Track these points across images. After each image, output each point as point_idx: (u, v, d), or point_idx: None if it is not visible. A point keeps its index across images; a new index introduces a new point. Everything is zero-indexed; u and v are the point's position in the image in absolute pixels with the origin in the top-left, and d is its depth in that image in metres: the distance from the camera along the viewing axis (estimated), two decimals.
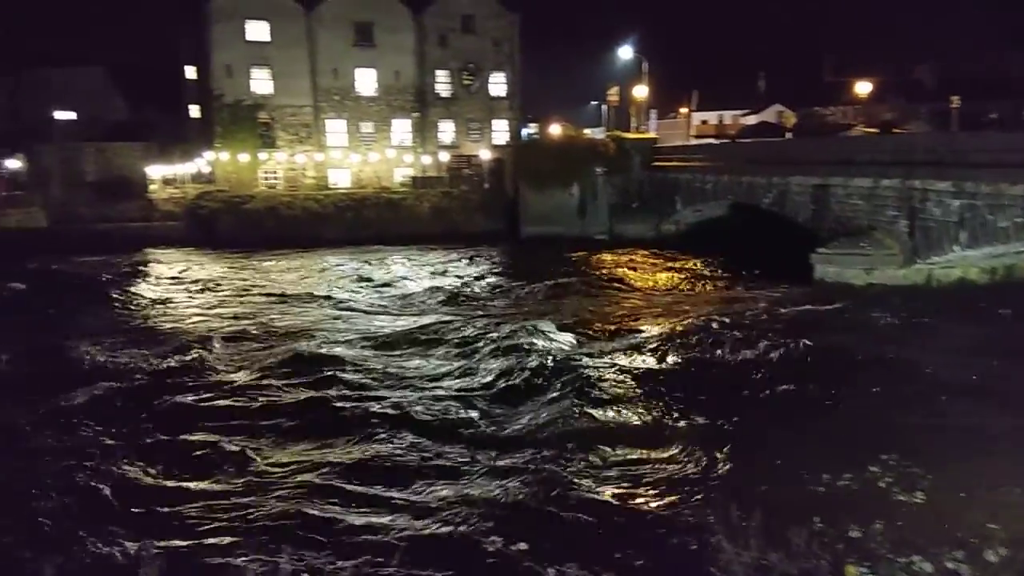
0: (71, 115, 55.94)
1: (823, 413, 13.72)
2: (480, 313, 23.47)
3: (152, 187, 51.37)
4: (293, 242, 40.83)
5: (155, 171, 52.30)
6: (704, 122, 74.98)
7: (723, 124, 71.63)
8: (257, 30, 48.23)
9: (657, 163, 44.16)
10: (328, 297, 27.42)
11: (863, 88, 54.42)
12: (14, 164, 54.48)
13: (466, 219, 45.45)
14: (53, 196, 49.80)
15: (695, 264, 32.61)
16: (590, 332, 20.22)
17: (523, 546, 9.18)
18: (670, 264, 33.27)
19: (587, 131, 56.13)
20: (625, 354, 17.83)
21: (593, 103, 75.14)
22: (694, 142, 60.05)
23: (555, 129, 51.24)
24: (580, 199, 43.72)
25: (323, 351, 18.42)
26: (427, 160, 51.82)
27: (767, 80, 77.01)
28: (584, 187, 43.63)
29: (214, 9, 47.18)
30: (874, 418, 13.14)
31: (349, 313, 24.30)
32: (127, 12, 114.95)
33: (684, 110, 76.44)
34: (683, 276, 30.25)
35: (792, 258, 26.33)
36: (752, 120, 67.30)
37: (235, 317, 23.90)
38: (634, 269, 32.48)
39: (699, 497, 10.49)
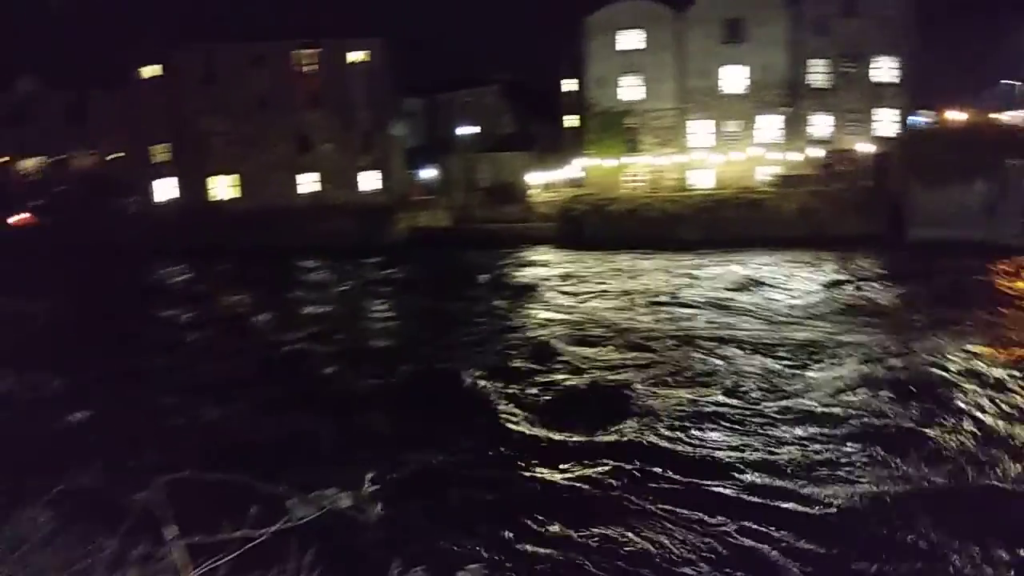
0: (472, 130, 64.84)
1: None
2: (872, 340, 19.94)
3: (531, 192, 57.00)
4: (650, 242, 41.80)
5: (534, 177, 57.91)
6: None
7: None
8: (628, 39, 50.32)
9: None
10: (674, 296, 27.44)
11: None
12: (429, 173, 65.24)
13: (838, 220, 41.61)
14: (455, 199, 58.44)
15: None
16: None
17: None
18: None
19: (1001, 116, 47.15)
20: None
21: (1009, 83, 62.72)
22: None
23: (956, 115, 44.11)
24: (988, 197, 36.96)
25: (681, 362, 18.23)
26: (795, 157, 48.71)
27: None
28: (994, 183, 36.77)
29: (590, 25, 50.49)
30: None
31: (701, 317, 23.91)
32: (518, 37, 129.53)
33: None
34: None
35: None
36: None
37: (591, 313, 25.34)
38: None
39: None
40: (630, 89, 50.82)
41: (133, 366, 19.66)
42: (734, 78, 49.70)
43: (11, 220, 55.17)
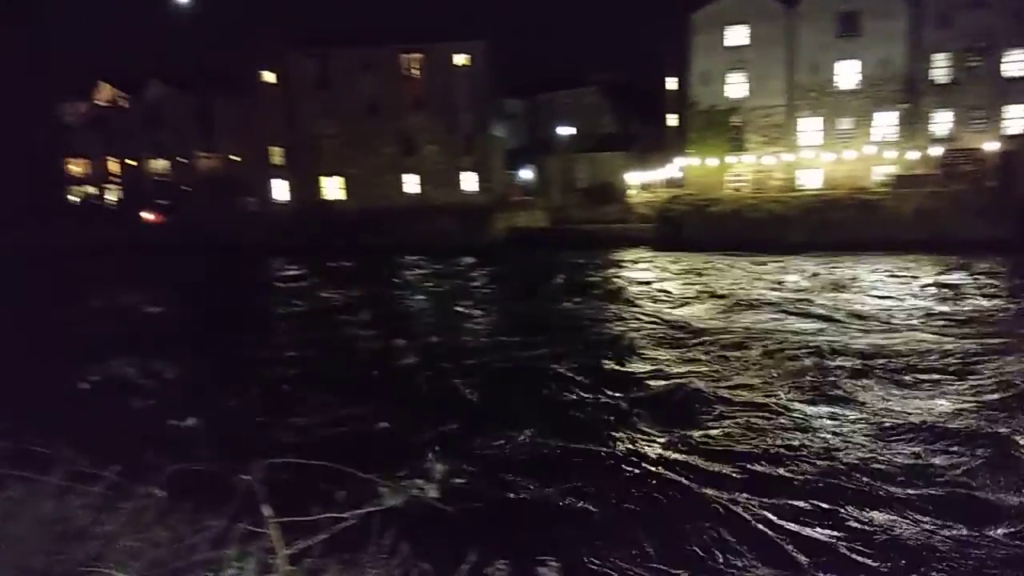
0: (571, 130, 64.92)
1: None
2: (961, 349, 18.34)
3: (630, 192, 56.41)
4: (753, 245, 40.56)
5: (633, 177, 57.29)
6: None
7: None
8: (735, 35, 48.95)
9: None
10: (767, 299, 26.41)
11: None
12: (527, 174, 65.73)
13: (960, 224, 38.99)
14: (553, 200, 58.65)
15: None
16: None
17: None
18: None
19: None
20: None
21: None
22: None
23: None
24: None
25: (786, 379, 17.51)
26: (914, 156, 45.97)
27: None
28: None
29: (696, 21, 49.41)
30: None
31: (797, 322, 22.92)
32: (620, 37, 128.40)
33: None
34: None
35: None
36: None
37: (680, 316, 24.75)
38: None
39: None
40: (736, 86, 49.47)
41: (241, 356, 20.90)
42: (848, 73, 47.51)
43: (143, 215, 59.89)
